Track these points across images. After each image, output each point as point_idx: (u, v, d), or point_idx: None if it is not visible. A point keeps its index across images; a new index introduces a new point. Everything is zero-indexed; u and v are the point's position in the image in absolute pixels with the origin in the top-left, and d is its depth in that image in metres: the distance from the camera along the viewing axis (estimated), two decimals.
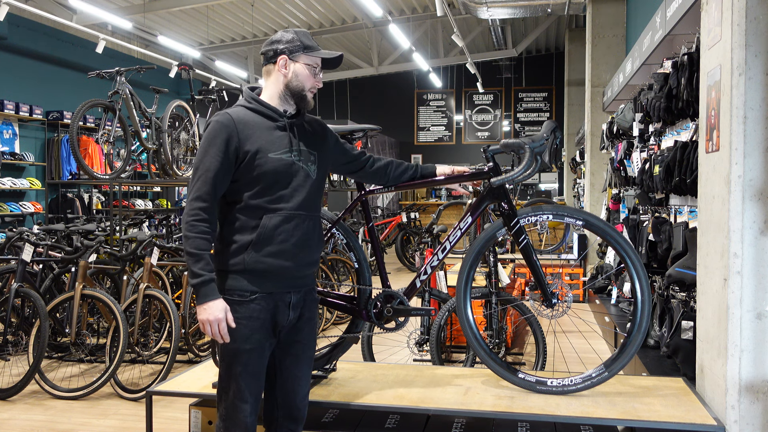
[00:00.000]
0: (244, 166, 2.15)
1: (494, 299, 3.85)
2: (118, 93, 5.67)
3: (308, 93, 2.26)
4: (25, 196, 10.14)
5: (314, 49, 2.25)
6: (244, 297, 2.16)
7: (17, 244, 6.12)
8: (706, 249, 2.60)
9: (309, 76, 2.25)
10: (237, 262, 2.16)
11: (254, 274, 2.16)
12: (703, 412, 2.43)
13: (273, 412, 2.31)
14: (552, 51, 17.90)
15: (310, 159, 2.28)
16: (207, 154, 2.15)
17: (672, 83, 3.73)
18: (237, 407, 2.17)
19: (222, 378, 2.21)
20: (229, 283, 2.18)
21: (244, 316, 2.15)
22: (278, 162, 2.18)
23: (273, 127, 2.22)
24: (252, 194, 2.17)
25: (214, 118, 2.20)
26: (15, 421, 3.85)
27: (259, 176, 2.16)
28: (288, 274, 2.21)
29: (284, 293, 2.22)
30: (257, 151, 2.16)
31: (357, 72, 16.38)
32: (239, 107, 2.25)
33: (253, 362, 2.17)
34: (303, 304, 2.28)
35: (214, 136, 2.15)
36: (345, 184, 10.58)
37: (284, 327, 2.24)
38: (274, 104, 2.25)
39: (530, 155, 2.53)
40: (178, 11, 11.82)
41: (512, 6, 9.09)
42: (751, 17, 2.26)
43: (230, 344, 2.15)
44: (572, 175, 12.34)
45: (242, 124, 2.17)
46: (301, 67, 2.24)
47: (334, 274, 6.66)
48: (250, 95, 2.27)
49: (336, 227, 2.84)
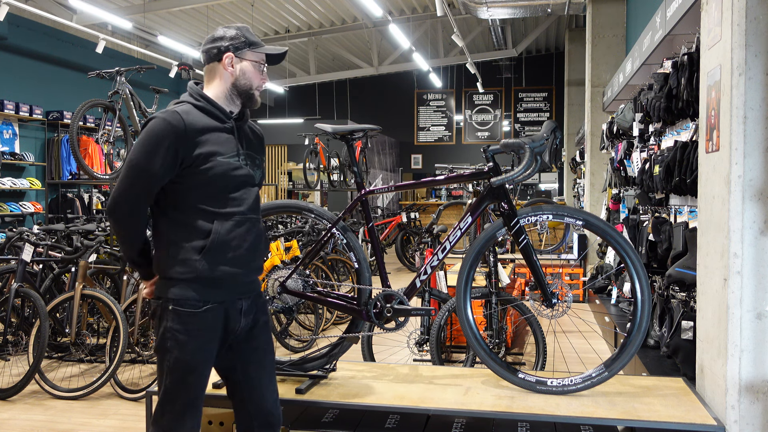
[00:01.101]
0: (193, 168, 2.04)
1: (494, 299, 3.85)
2: (118, 93, 5.67)
3: (256, 91, 2.18)
4: (25, 196, 10.14)
5: (259, 45, 2.16)
6: (197, 308, 2.05)
7: (17, 244, 6.11)
8: (706, 249, 2.60)
9: (256, 73, 2.16)
10: (187, 270, 2.04)
11: (206, 282, 2.06)
12: (703, 412, 2.43)
13: (248, 423, 2.24)
14: (552, 51, 17.90)
15: (255, 163, 2.22)
16: (147, 152, 2.01)
17: (672, 83, 3.73)
18: (184, 419, 2.07)
19: (169, 390, 2.07)
20: (178, 293, 2.05)
21: (196, 327, 2.05)
22: (228, 165, 2.09)
23: (221, 128, 2.12)
24: (202, 198, 2.07)
25: (161, 115, 2.05)
26: (15, 421, 3.85)
27: (209, 179, 2.06)
28: (240, 280, 2.13)
29: (235, 300, 2.14)
30: (209, 153, 2.06)
31: (357, 72, 16.36)
32: (187, 105, 2.11)
33: (204, 373, 2.11)
34: (255, 310, 2.22)
35: (160, 135, 2.01)
36: (345, 184, 10.59)
37: (235, 334, 2.17)
38: (220, 104, 2.15)
39: (530, 155, 2.53)
40: (178, 11, 11.82)
41: (512, 6, 9.09)
42: (751, 17, 2.26)
43: (182, 356, 2.04)
44: (572, 175, 12.34)
45: (191, 125, 2.05)
46: (248, 65, 2.15)
47: (334, 274, 6.66)
48: (198, 92, 2.14)
49: (336, 227, 2.84)
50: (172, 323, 2.05)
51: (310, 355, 2.94)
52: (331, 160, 10.43)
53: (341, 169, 10.59)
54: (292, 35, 14.35)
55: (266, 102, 19.25)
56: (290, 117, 17.22)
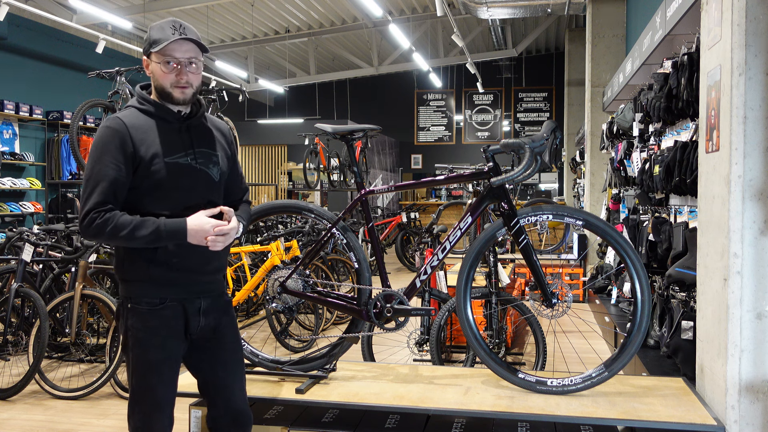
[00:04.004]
0: (140, 172, 2.03)
1: (494, 299, 3.85)
2: (118, 93, 5.67)
3: (173, 90, 2.08)
4: (25, 196, 10.14)
5: (160, 42, 2.03)
6: (154, 305, 2.07)
7: (17, 244, 6.11)
8: (706, 249, 2.60)
9: (164, 73, 2.06)
10: (142, 273, 2.06)
11: (161, 282, 2.08)
12: (703, 412, 2.42)
13: (218, 422, 2.25)
14: (552, 51, 17.90)
15: (211, 160, 2.16)
16: (100, 162, 1.99)
17: (672, 83, 3.72)
18: (154, 419, 2.08)
19: (135, 390, 2.10)
20: (135, 291, 2.08)
21: (155, 324, 2.07)
22: (174, 166, 2.06)
23: (167, 129, 2.10)
24: (150, 201, 2.05)
25: (104, 124, 2.05)
26: (15, 421, 3.85)
27: (155, 182, 2.04)
28: (195, 280, 2.14)
29: (193, 299, 2.14)
30: (153, 156, 2.03)
31: (357, 72, 16.36)
32: (131, 109, 2.11)
33: (168, 371, 2.11)
34: (217, 309, 2.21)
35: (107, 142, 2.01)
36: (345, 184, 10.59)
37: (198, 333, 2.16)
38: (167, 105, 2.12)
39: (530, 155, 2.53)
40: (178, 11, 11.82)
41: (512, 6, 9.09)
42: (751, 17, 2.26)
43: (142, 354, 2.07)
44: (572, 175, 12.34)
45: (134, 129, 2.03)
46: (155, 66, 2.08)
47: (334, 274, 6.67)
48: (142, 95, 2.12)
49: (336, 227, 2.84)
50: (132, 321, 2.08)
51: (310, 355, 2.94)
52: (331, 160, 10.44)
53: (341, 169, 10.59)
54: (292, 35, 14.35)
55: (266, 102, 19.27)
56: (290, 117, 17.22)
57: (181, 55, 2.06)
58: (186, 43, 2.06)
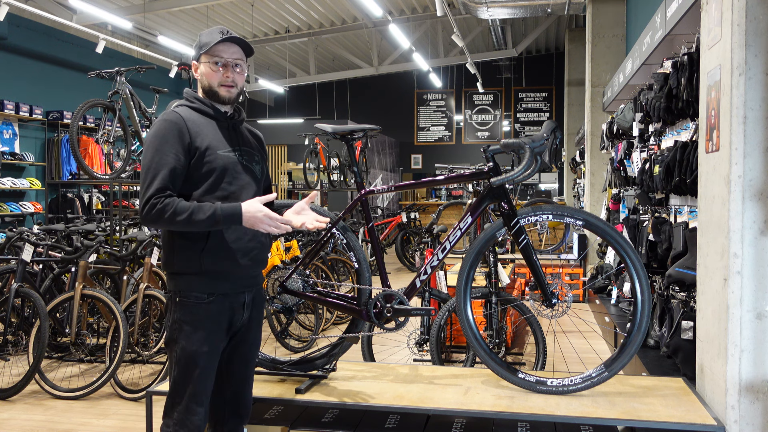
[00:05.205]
0: (194, 162, 2.15)
1: (494, 299, 3.85)
2: (118, 93, 5.68)
3: (219, 88, 2.23)
4: (25, 196, 10.14)
5: (209, 44, 2.20)
6: (201, 299, 2.15)
7: (17, 244, 6.12)
8: (706, 249, 2.60)
9: (212, 72, 2.22)
10: (192, 264, 2.14)
11: (210, 275, 2.16)
12: (703, 412, 2.42)
13: (220, 409, 2.32)
14: (552, 51, 17.89)
15: (254, 159, 2.32)
16: (160, 151, 2.11)
17: (672, 83, 3.72)
18: (192, 411, 2.14)
19: (177, 382, 2.17)
20: (184, 285, 2.17)
21: (201, 318, 2.15)
22: (226, 159, 2.19)
23: (216, 125, 2.24)
24: (202, 191, 2.16)
25: (161, 117, 2.18)
26: (15, 421, 3.85)
27: (208, 173, 2.16)
28: (243, 273, 2.22)
29: (239, 294, 2.23)
30: (207, 147, 2.16)
31: (357, 72, 16.35)
32: (183, 107, 2.25)
33: (210, 364, 2.18)
34: (259, 302, 2.33)
35: (166, 133, 2.13)
36: (345, 184, 10.59)
37: (237, 327, 2.25)
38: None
39: (530, 155, 2.53)
40: (178, 11, 11.82)
41: (512, 6, 9.09)
42: (751, 17, 2.26)
43: (188, 347, 2.14)
44: (572, 175, 12.34)
45: (191, 122, 2.18)
46: (204, 66, 2.24)
47: (334, 274, 6.66)
48: (192, 95, 2.28)
49: (336, 227, 2.84)
50: (180, 314, 2.17)
51: (310, 355, 2.94)
52: (331, 160, 10.43)
53: (341, 169, 10.58)
54: (292, 35, 14.35)
55: (266, 102, 19.27)
56: (290, 117, 17.21)
57: (228, 56, 2.22)
58: (233, 46, 2.23)
